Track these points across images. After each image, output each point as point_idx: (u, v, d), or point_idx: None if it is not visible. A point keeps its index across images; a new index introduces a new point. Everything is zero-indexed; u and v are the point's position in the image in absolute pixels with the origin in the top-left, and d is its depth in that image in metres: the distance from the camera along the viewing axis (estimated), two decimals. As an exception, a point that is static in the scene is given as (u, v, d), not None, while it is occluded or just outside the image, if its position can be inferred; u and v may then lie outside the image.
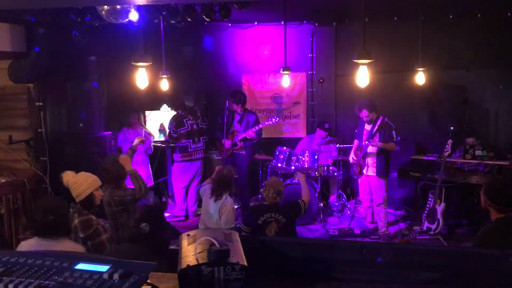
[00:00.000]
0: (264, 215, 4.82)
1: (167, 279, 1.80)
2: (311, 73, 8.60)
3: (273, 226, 4.80)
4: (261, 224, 4.81)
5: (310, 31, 8.49)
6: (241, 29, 8.62)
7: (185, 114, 7.40)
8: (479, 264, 1.85)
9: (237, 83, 8.66)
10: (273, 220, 4.80)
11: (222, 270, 1.57)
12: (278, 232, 4.78)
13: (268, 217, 4.81)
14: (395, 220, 7.48)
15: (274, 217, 4.81)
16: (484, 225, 4.24)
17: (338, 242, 3.17)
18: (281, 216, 4.82)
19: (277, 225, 4.80)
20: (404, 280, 1.82)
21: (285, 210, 4.94)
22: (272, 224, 4.80)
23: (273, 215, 4.81)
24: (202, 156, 7.53)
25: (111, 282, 1.27)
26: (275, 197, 4.92)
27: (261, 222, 4.81)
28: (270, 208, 4.90)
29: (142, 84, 5.24)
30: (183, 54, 8.29)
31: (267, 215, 4.82)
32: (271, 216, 4.81)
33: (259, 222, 4.82)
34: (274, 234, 4.77)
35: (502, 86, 7.79)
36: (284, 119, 8.72)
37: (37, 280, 1.29)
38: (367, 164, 6.70)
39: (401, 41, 7.91)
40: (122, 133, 7.55)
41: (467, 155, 6.90)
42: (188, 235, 1.86)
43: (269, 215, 4.81)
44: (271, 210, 4.86)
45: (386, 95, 7.79)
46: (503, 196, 3.43)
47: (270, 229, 4.79)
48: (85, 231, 3.79)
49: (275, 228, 4.80)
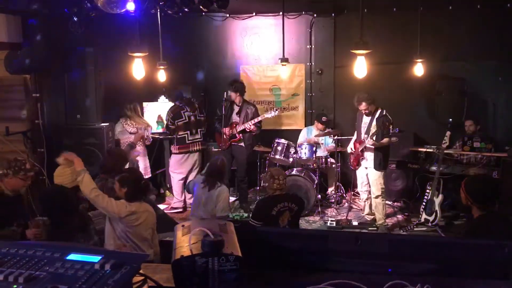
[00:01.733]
0: (278, 205, 4.86)
1: (162, 270, 1.80)
2: (309, 65, 8.56)
3: (286, 216, 4.85)
4: (275, 214, 4.83)
5: (309, 22, 8.44)
6: (239, 20, 8.56)
7: (183, 106, 7.37)
8: (474, 255, 1.84)
9: (235, 75, 8.61)
10: (287, 209, 4.86)
11: (216, 261, 1.56)
12: (290, 221, 4.84)
13: (281, 207, 4.85)
14: (393, 212, 7.50)
15: (288, 206, 4.87)
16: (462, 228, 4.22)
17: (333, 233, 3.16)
18: (294, 204, 4.89)
19: (290, 214, 4.85)
20: (400, 271, 1.82)
21: (297, 200, 5.04)
22: (285, 213, 4.85)
23: (286, 204, 4.87)
24: (200, 148, 7.50)
25: (103, 273, 1.26)
26: (286, 186, 5.04)
27: (275, 212, 4.84)
28: (282, 198, 4.94)
29: (138, 75, 5.23)
30: (181, 45, 8.24)
31: (280, 205, 4.85)
32: (285, 205, 4.86)
33: (273, 213, 4.84)
34: (287, 223, 4.82)
35: (501, 77, 7.77)
36: (283, 110, 8.69)
37: (28, 270, 1.28)
38: (365, 156, 6.68)
39: (400, 32, 7.89)
40: (120, 125, 7.52)
41: (466, 147, 6.90)
42: (182, 226, 1.85)
43: (283, 205, 4.86)
44: (284, 199, 4.91)
45: (384, 86, 7.78)
46: (483, 193, 3.43)
47: (283, 219, 4.84)
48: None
49: (288, 217, 4.85)
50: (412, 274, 1.77)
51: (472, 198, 3.43)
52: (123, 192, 4.11)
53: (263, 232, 2.09)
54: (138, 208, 4.06)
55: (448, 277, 1.77)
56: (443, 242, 2.01)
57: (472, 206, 3.46)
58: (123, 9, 5.00)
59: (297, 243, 1.97)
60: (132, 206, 4.02)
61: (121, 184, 4.14)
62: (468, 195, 3.45)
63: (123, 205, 4.01)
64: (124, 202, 4.04)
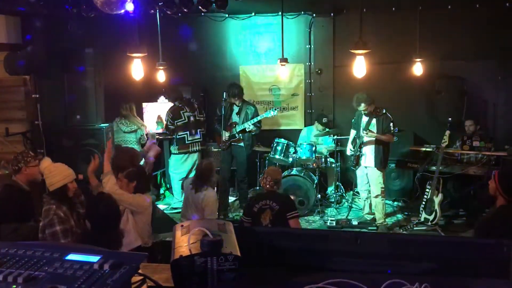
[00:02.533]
0: (260, 202, 4.83)
1: (161, 269, 1.80)
2: (309, 65, 8.56)
3: (267, 214, 4.78)
4: (256, 211, 4.80)
5: (308, 22, 8.44)
6: (238, 20, 8.56)
7: (182, 106, 7.38)
8: (474, 254, 1.84)
9: (235, 75, 8.62)
10: (268, 207, 4.79)
11: (215, 261, 1.56)
12: (272, 220, 4.76)
13: (263, 205, 4.81)
14: (393, 211, 7.50)
15: (269, 204, 4.80)
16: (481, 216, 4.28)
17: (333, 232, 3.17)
18: (275, 204, 4.79)
19: (271, 213, 4.77)
20: (400, 270, 1.82)
21: (281, 199, 4.92)
22: (266, 212, 4.78)
23: (268, 202, 4.80)
24: (199, 148, 7.52)
25: (102, 272, 1.26)
26: (272, 185, 4.93)
27: (256, 209, 4.81)
28: (266, 196, 4.91)
29: (137, 75, 5.23)
30: (180, 45, 8.24)
31: (262, 203, 4.82)
32: (266, 203, 4.80)
33: (254, 209, 4.82)
34: (269, 222, 4.76)
35: (500, 77, 7.77)
36: (282, 110, 8.69)
37: (27, 271, 1.28)
38: (365, 154, 6.69)
39: (399, 32, 7.89)
40: (115, 124, 7.54)
41: (465, 146, 6.91)
42: (182, 226, 1.85)
43: (264, 202, 4.81)
44: (267, 197, 4.87)
45: (384, 86, 7.78)
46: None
47: (264, 217, 4.78)
48: (44, 219, 3.91)
49: (270, 216, 4.77)
50: (411, 273, 1.77)
51: (502, 190, 3.55)
52: (132, 186, 4.32)
53: (262, 231, 2.09)
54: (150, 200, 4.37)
55: (447, 276, 1.77)
56: (442, 241, 2.00)
57: (498, 196, 3.58)
58: (122, 9, 5.00)
59: (296, 242, 1.97)
60: (148, 197, 4.34)
61: (130, 179, 4.32)
62: (499, 185, 3.56)
63: (143, 198, 4.31)
64: (141, 195, 4.26)
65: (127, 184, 4.30)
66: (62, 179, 4.00)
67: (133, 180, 4.30)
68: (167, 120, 7.41)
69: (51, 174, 4.03)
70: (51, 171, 4.05)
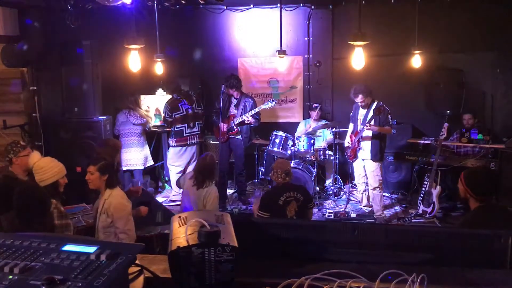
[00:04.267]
0: (284, 195, 4.81)
1: (159, 261, 1.80)
2: (307, 57, 8.53)
3: (293, 205, 4.80)
4: (282, 204, 4.79)
5: (307, 14, 8.40)
6: (236, 12, 8.52)
7: (180, 99, 7.36)
8: (470, 245, 1.85)
9: (233, 67, 8.59)
10: (293, 198, 4.81)
11: (212, 252, 1.56)
12: (297, 212, 4.78)
13: (287, 196, 4.80)
14: (391, 204, 7.52)
15: (293, 195, 4.82)
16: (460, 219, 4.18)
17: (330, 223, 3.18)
18: (299, 194, 4.83)
19: (296, 204, 4.80)
20: (397, 260, 1.82)
21: (303, 190, 4.97)
22: (292, 203, 4.80)
23: (292, 194, 4.82)
24: (197, 141, 7.51)
25: (98, 263, 1.26)
26: (284, 177, 4.92)
27: (282, 202, 4.80)
28: (286, 188, 4.90)
29: (134, 67, 5.21)
30: (178, 37, 8.20)
31: (286, 195, 4.81)
32: (290, 195, 4.82)
33: (280, 202, 4.80)
34: (294, 214, 4.77)
35: (499, 69, 7.76)
36: (281, 103, 8.68)
37: (24, 261, 1.28)
38: (362, 148, 6.69)
39: (397, 24, 7.86)
40: (124, 115, 7.55)
41: (463, 138, 6.91)
42: (179, 217, 1.85)
43: (288, 194, 4.81)
44: (289, 189, 4.87)
45: (382, 78, 7.77)
46: (483, 186, 3.39)
47: (290, 209, 4.79)
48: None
49: (295, 207, 4.80)
50: (408, 264, 1.78)
51: (471, 190, 3.38)
52: (103, 180, 4.17)
53: (260, 222, 2.09)
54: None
55: (444, 267, 1.77)
56: (439, 232, 2.01)
57: (470, 198, 3.42)
58: (119, 1, 4.97)
59: (294, 233, 1.97)
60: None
61: (102, 172, 4.16)
62: (467, 188, 3.39)
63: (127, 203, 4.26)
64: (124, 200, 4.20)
65: (99, 177, 4.16)
66: (53, 176, 3.95)
67: (105, 174, 4.16)
68: (165, 112, 7.40)
69: (41, 171, 3.95)
70: (41, 167, 3.97)
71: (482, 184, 3.38)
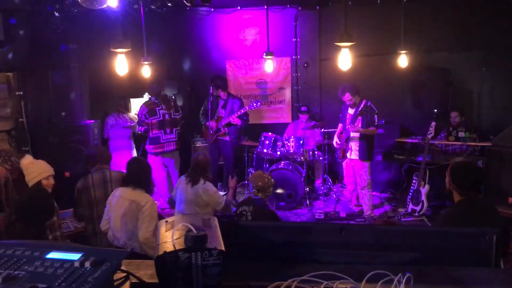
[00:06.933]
0: (241, 206, 4.60)
1: (146, 266, 1.79)
2: (295, 58, 8.55)
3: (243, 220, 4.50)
4: (237, 215, 4.59)
5: (294, 15, 8.42)
6: (223, 14, 8.52)
7: (158, 103, 7.13)
8: (456, 243, 1.86)
9: (221, 69, 8.58)
10: (244, 214, 4.51)
11: (199, 256, 1.55)
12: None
13: (242, 210, 4.55)
14: (380, 203, 7.55)
15: (246, 211, 4.52)
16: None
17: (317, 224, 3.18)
18: (249, 214, 4.47)
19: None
20: (385, 260, 1.83)
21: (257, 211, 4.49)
22: (243, 218, 4.51)
23: (245, 209, 4.53)
24: (174, 148, 7.28)
25: (83, 270, 1.25)
26: (255, 193, 4.62)
27: (238, 212, 4.59)
28: (247, 202, 4.65)
29: (121, 71, 5.19)
30: (165, 40, 8.18)
31: (241, 208, 4.57)
32: (244, 209, 4.54)
33: (237, 211, 4.62)
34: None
35: (484, 68, 7.83)
36: (269, 104, 8.69)
37: (7, 270, 1.26)
38: (350, 147, 6.72)
39: (383, 24, 7.90)
40: (113, 118, 7.50)
41: (450, 137, 6.97)
42: (166, 222, 1.84)
43: (243, 208, 4.55)
44: (247, 203, 4.60)
45: (369, 78, 7.80)
46: (466, 178, 3.44)
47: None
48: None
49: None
50: (395, 263, 1.79)
51: (454, 182, 3.45)
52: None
53: (247, 225, 2.09)
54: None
55: (430, 266, 1.79)
56: (425, 231, 2.02)
57: (453, 191, 3.48)
58: (104, 4, 4.93)
59: (281, 235, 1.98)
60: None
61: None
62: (451, 179, 3.47)
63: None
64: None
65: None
66: (37, 176, 4.03)
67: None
68: (140, 114, 7.13)
69: (28, 171, 4.08)
70: (28, 167, 4.09)
71: (463, 177, 3.44)
